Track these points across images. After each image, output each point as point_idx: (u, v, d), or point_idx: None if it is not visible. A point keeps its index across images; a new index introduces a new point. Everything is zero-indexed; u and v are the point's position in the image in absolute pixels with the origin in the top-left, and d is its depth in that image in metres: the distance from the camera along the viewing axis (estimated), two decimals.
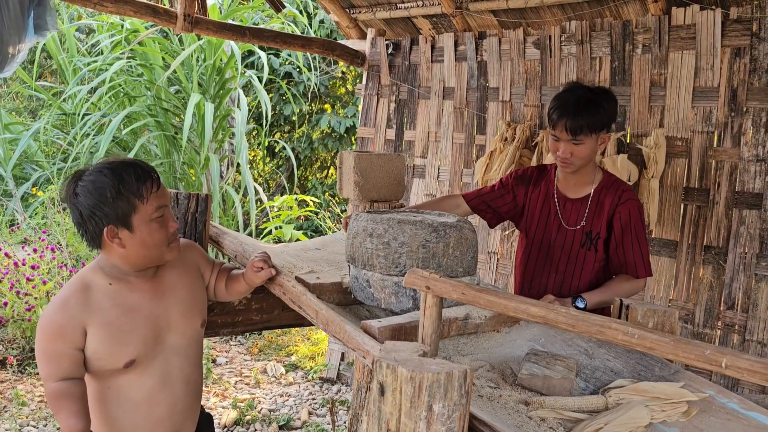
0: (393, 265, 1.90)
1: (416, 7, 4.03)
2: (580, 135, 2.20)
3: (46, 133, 6.75)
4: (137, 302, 1.77)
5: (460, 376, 1.17)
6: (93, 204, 1.67)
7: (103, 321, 1.70)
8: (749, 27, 2.87)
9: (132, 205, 1.69)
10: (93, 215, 1.68)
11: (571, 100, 2.23)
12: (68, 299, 1.70)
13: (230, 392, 4.32)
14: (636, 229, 2.28)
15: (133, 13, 3.41)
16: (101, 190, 1.67)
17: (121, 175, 1.69)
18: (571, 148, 2.24)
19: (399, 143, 4.34)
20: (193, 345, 1.91)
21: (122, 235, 1.71)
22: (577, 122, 2.18)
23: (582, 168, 2.33)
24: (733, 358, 1.16)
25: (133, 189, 1.69)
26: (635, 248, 2.27)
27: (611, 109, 2.25)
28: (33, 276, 4.42)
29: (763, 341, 2.83)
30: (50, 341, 1.67)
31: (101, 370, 1.73)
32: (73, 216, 1.73)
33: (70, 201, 1.71)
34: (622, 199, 2.29)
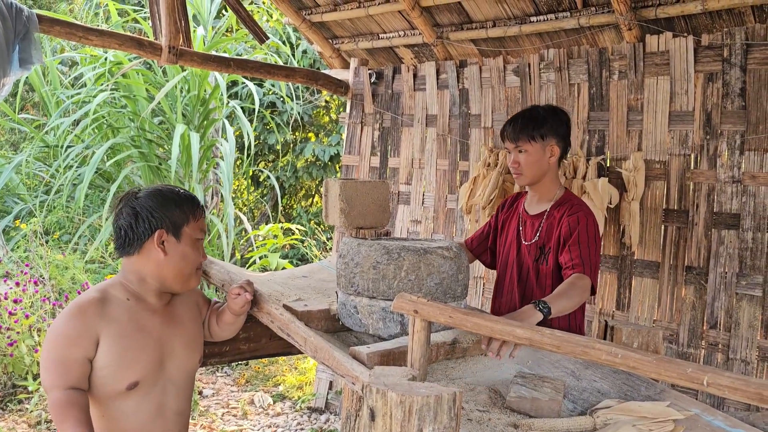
0: (349, 285, 1.95)
1: (398, 37, 4.11)
2: (520, 142, 2.36)
3: (28, 165, 6.72)
4: (150, 323, 1.81)
5: (449, 398, 1.18)
6: (155, 205, 1.79)
7: (117, 333, 1.72)
8: (720, 53, 2.96)
9: (187, 218, 1.83)
10: (151, 216, 1.78)
11: (516, 115, 2.43)
12: (85, 307, 1.72)
13: (217, 424, 4.26)
14: (582, 233, 2.29)
15: (118, 46, 3.44)
16: (166, 198, 1.82)
17: (182, 193, 1.87)
18: (517, 156, 2.39)
19: (383, 170, 4.38)
20: (189, 379, 1.94)
21: (169, 242, 1.80)
22: (516, 129, 2.37)
23: (540, 183, 2.43)
24: (714, 375, 1.19)
25: (191, 206, 1.86)
26: (583, 249, 2.27)
27: (554, 122, 2.38)
28: (15, 310, 4.36)
29: (746, 359, 2.87)
30: (63, 347, 1.67)
31: (102, 391, 1.72)
32: (125, 217, 1.80)
33: (128, 203, 1.81)
34: (571, 211, 2.36)
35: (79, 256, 5.55)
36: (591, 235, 2.30)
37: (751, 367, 2.85)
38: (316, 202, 9.13)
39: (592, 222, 2.34)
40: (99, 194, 6.80)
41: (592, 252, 2.28)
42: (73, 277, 5.12)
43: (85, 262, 5.50)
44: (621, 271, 3.27)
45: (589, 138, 3.39)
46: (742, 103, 2.91)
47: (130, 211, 1.79)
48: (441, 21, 3.86)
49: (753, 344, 2.86)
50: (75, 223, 6.49)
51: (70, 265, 5.16)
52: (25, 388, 4.26)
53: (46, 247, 5.33)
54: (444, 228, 4.02)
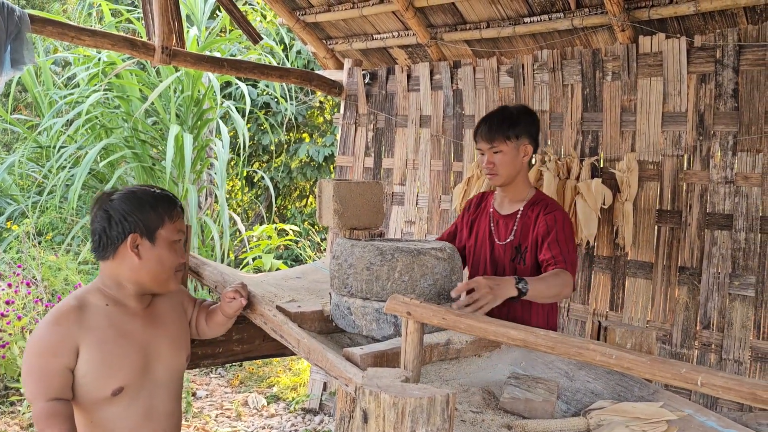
0: (343, 286, 1.94)
1: (392, 38, 4.11)
2: (495, 142, 2.37)
3: (21, 166, 6.68)
4: (131, 327, 1.77)
5: (442, 400, 1.18)
6: (128, 209, 1.74)
7: (97, 341, 1.69)
8: (713, 54, 2.97)
9: (161, 220, 1.78)
10: (124, 219, 1.73)
11: (488, 116, 2.45)
12: (62, 316, 1.68)
13: (211, 426, 4.24)
14: (560, 231, 2.31)
15: (111, 46, 3.42)
16: (140, 200, 1.77)
17: (158, 194, 1.82)
18: (492, 157, 2.39)
19: (377, 171, 4.37)
20: (177, 379, 1.91)
21: (143, 246, 1.76)
22: (491, 129, 2.38)
23: (512, 183, 2.45)
24: (708, 375, 1.19)
25: (166, 207, 1.80)
26: (562, 245, 2.29)
27: (526, 121, 2.40)
28: (7, 311, 4.33)
29: (739, 360, 2.87)
30: (42, 358, 1.64)
31: (87, 398, 1.70)
32: (99, 221, 1.76)
33: (101, 205, 1.77)
34: (547, 210, 2.38)
35: (72, 258, 5.53)
36: (568, 234, 2.33)
37: (744, 367, 2.86)
38: (311, 202, 9.12)
39: (568, 221, 2.37)
40: (92, 195, 6.76)
41: (571, 250, 2.31)
42: (66, 278, 5.10)
43: (78, 263, 5.47)
44: (614, 272, 3.28)
45: (583, 139, 3.39)
46: (734, 104, 2.92)
47: (103, 215, 1.76)
48: (435, 22, 3.86)
49: (746, 344, 2.87)
50: (68, 224, 6.46)
51: (63, 267, 5.14)
52: (18, 390, 4.24)
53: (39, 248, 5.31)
54: (438, 229, 4.01)
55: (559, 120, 3.48)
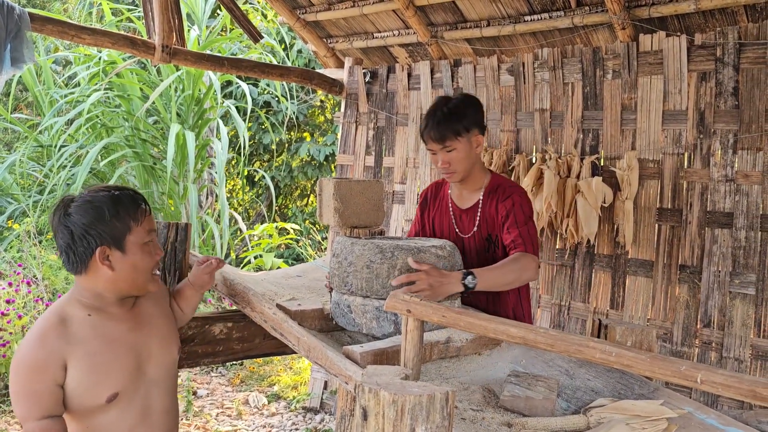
0: (343, 284, 1.94)
1: (392, 36, 4.11)
2: (447, 141, 2.27)
3: (22, 165, 6.68)
4: (118, 333, 1.72)
5: (442, 398, 1.18)
6: (88, 222, 1.63)
7: (84, 353, 1.64)
8: (713, 52, 2.97)
9: (127, 226, 1.68)
10: (86, 234, 1.63)
11: (432, 113, 2.30)
12: (46, 333, 1.62)
13: (211, 425, 4.25)
14: (518, 213, 2.28)
15: (111, 45, 3.42)
16: (98, 209, 1.64)
17: (117, 197, 1.68)
18: (446, 156, 2.30)
19: (378, 170, 4.37)
20: (171, 375, 1.88)
21: (114, 257, 1.67)
22: (439, 129, 2.26)
23: (469, 175, 2.38)
24: (708, 373, 1.19)
25: (130, 210, 1.69)
26: (521, 227, 2.26)
27: (472, 111, 2.31)
28: (8, 310, 4.34)
29: (739, 358, 2.87)
30: (29, 379, 1.59)
31: (81, 408, 1.66)
32: (62, 237, 1.66)
33: (60, 221, 1.66)
34: (504, 195, 2.33)
35: None
36: (527, 213, 2.30)
37: (744, 365, 2.86)
38: (311, 201, 9.12)
39: (525, 200, 2.33)
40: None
41: (531, 230, 2.28)
42: (66, 277, 5.10)
43: None
44: (615, 270, 3.27)
45: (583, 137, 3.39)
46: (735, 102, 2.92)
47: (64, 231, 1.65)
48: (435, 20, 3.85)
49: (746, 342, 2.86)
50: None
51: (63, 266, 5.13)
52: None
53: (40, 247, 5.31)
54: None
55: (560, 118, 3.48)
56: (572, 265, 3.43)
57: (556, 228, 3.37)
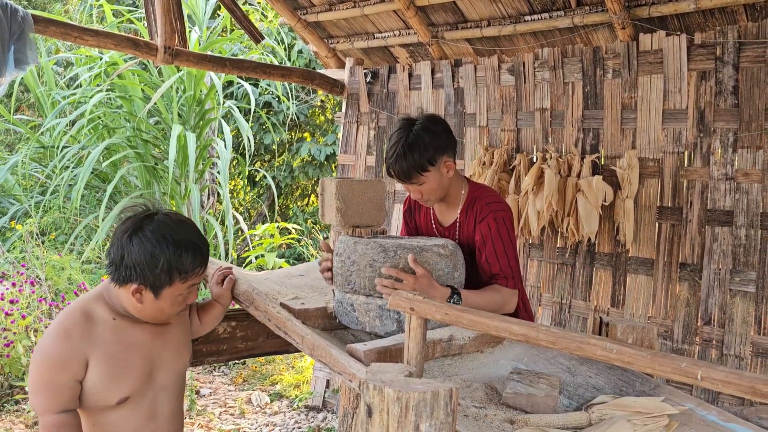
0: (346, 282, 1.96)
1: (393, 37, 4.12)
2: (413, 178, 2.17)
3: (24, 166, 6.70)
4: (138, 339, 1.77)
5: (445, 394, 1.19)
6: (139, 262, 1.67)
7: (105, 355, 1.69)
8: (713, 51, 2.98)
9: (171, 281, 1.72)
10: (133, 269, 1.67)
11: (395, 147, 2.17)
12: (71, 329, 1.67)
13: (215, 423, 4.26)
14: (496, 240, 2.19)
15: (114, 46, 3.44)
16: (155, 259, 1.67)
17: (180, 254, 1.70)
18: (417, 189, 2.22)
19: (379, 169, 4.39)
20: (180, 381, 1.93)
21: (146, 296, 1.72)
22: (403, 168, 2.15)
23: (447, 195, 2.31)
24: (708, 370, 1.20)
25: (182, 270, 1.72)
26: (501, 258, 2.19)
27: (435, 139, 2.16)
28: (12, 311, 4.36)
29: (740, 355, 2.89)
30: (52, 372, 1.64)
31: (92, 405, 1.71)
32: (114, 252, 1.71)
33: (121, 241, 1.69)
34: (480, 216, 2.24)
35: (75, 257, 5.56)
36: (504, 236, 2.20)
37: (744, 362, 2.87)
38: (313, 201, 9.14)
39: (501, 222, 2.22)
40: (95, 195, 6.79)
41: (510, 254, 2.21)
42: (69, 277, 5.12)
43: (81, 263, 5.50)
44: (616, 269, 3.29)
45: (584, 136, 3.40)
46: (734, 101, 2.93)
47: (119, 250, 1.70)
48: (436, 20, 3.87)
49: (747, 340, 2.88)
50: (71, 224, 6.49)
51: (67, 266, 5.16)
52: (22, 388, 4.26)
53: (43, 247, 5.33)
54: None
55: (560, 118, 3.49)
56: (573, 263, 3.45)
57: (557, 227, 3.38)
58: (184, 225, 1.76)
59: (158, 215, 1.74)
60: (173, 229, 1.72)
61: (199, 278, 1.80)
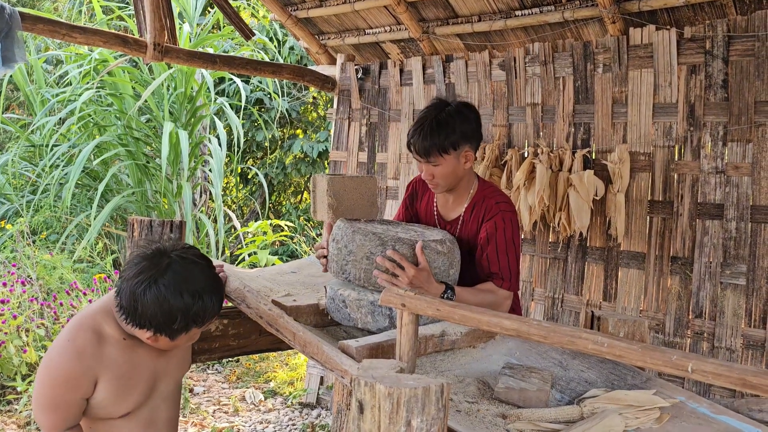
0: (341, 271, 1.96)
1: (384, 33, 4.11)
2: (432, 157, 2.16)
3: (14, 165, 6.65)
4: (145, 359, 1.78)
5: (437, 390, 1.19)
6: (155, 316, 1.64)
7: (115, 375, 1.70)
8: (703, 45, 2.99)
9: (186, 329, 1.70)
10: (149, 321, 1.64)
11: (422, 122, 2.18)
12: (83, 348, 1.65)
13: (208, 421, 4.26)
14: (500, 240, 2.19)
15: (103, 44, 3.42)
16: (173, 315, 1.64)
17: (199, 308, 1.67)
18: (431, 169, 2.20)
19: (371, 165, 4.38)
20: (178, 388, 1.96)
21: (160, 339, 1.71)
22: (425, 145, 2.15)
23: (455, 188, 2.30)
24: (698, 362, 1.21)
25: (199, 321, 1.70)
26: (501, 258, 2.19)
27: (465, 124, 2.17)
28: (3, 310, 4.33)
29: (731, 348, 2.90)
30: (63, 391, 1.63)
31: (94, 417, 1.73)
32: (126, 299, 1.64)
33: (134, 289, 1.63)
34: (488, 214, 2.23)
35: (66, 256, 5.52)
36: (509, 238, 2.20)
37: (736, 355, 2.89)
38: (305, 198, 9.12)
39: (509, 223, 2.21)
40: (86, 193, 6.75)
41: (511, 256, 2.20)
42: (61, 276, 5.09)
43: (73, 262, 5.47)
44: (607, 263, 3.30)
45: (575, 131, 3.41)
46: (724, 94, 2.94)
47: (130, 301, 1.64)
48: (427, 16, 3.86)
49: (738, 332, 2.90)
50: (62, 223, 6.45)
51: (58, 265, 5.13)
52: (14, 388, 4.24)
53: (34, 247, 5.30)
54: None
55: (551, 112, 3.50)
56: (565, 257, 3.46)
57: (549, 221, 3.39)
58: (199, 269, 1.70)
59: (172, 262, 1.66)
60: (188, 280, 1.66)
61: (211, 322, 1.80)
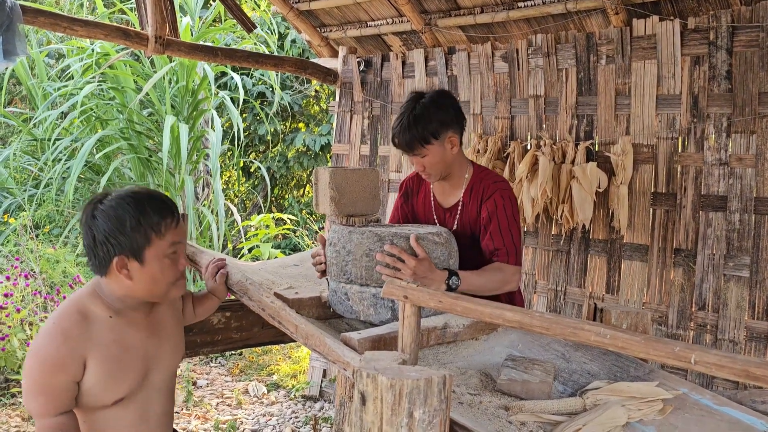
0: (341, 273, 1.95)
1: (386, 25, 4.10)
2: (416, 149, 2.20)
3: (17, 159, 6.66)
4: (135, 339, 1.73)
5: (439, 381, 1.19)
6: (109, 230, 1.62)
7: (104, 356, 1.64)
8: (707, 36, 2.97)
9: (148, 239, 1.65)
10: (107, 241, 1.63)
11: (401, 117, 2.21)
12: (69, 330, 1.61)
13: (212, 414, 4.27)
14: (501, 217, 2.21)
15: (104, 37, 3.41)
16: (121, 219, 1.63)
17: (143, 207, 1.65)
18: (419, 161, 2.24)
19: (373, 158, 4.37)
20: (172, 379, 1.89)
21: (132, 266, 1.66)
22: (406, 139, 2.18)
23: (450, 174, 2.32)
24: (701, 353, 1.20)
25: (153, 222, 1.66)
26: (504, 235, 2.20)
27: (442, 114, 2.20)
28: (6, 304, 4.34)
29: (734, 340, 2.90)
30: (51, 374, 1.59)
31: (86, 406, 1.67)
32: (86, 239, 1.66)
33: (87, 223, 1.66)
34: (487, 193, 2.25)
35: (69, 250, 5.53)
36: (510, 215, 2.22)
37: (739, 347, 2.88)
38: (308, 192, 9.12)
39: (508, 200, 2.24)
40: (89, 187, 6.76)
41: (514, 233, 2.21)
42: (64, 270, 5.11)
43: (76, 255, 5.48)
44: (610, 255, 3.29)
45: (578, 123, 3.40)
46: (728, 85, 2.93)
47: (88, 232, 1.65)
48: (429, 8, 3.84)
49: (741, 324, 2.89)
50: (65, 217, 6.46)
51: (61, 259, 5.14)
52: (18, 382, 4.25)
53: (37, 241, 5.31)
54: None
55: (554, 104, 3.48)
56: (568, 250, 3.45)
57: (552, 214, 3.38)
58: (141, 187, 1.73)
59: (111, 191, 1.70)
60: (130, 192, 1.68)
61: (178, 235, 1.73)
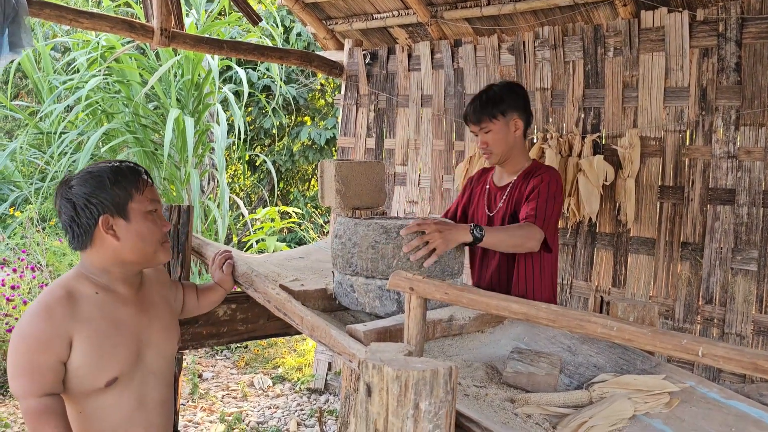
0: (347, 265, 1.95)
1: (392, 17, 4.08)
2: (483, 122, 2.41)
3: (23, 152, 6.68)
4: (124, 315, 1.69)
5: (445, 372, 1.19)
6: (89, 192, 1.62)
7: (91, 333, 1.60)
8: (716, 28, 2.94)
9: (129, 194, 1.67)
10: (88, 203, 1.62)
11: (475, 99, 2.46)
12: (52, 307, 1.58)
13: (217, 406, 4.29)
14: (543, 191, 2.32)
15: (110, 29, 3.40)
16: (98, 178, 1.64)
17: (117, 167, 1.69)
18: (483, 137, 2.44)
19: (379, 152, 4.36)
20: (169, 366, 1.84)
21: (118, 225, 1.65)
22: (476, 111, 2.42)
23: (509, 158, 2.48)
24: (709, 346, 1.19)
25: (130, 179, 1.69)
26: (540, 205, 2.29)
27: (512, 97, 2.43)
28: (13, 296, 4.37)
29: (741, 334, 2.88)
30: (34, 353, 1.54)
31: (78, 391, 1.62)
32: (65, 212, 1.65)
33: (63, 196, 1.65)
34: (536, 174, 2.40)
35: None
36: (551, 193, 2.33)
37: (746, 341, 2.87)
38: (313, 185, 9.12)
39: (554, 182, 2.36)
40: None
41: (549, 207, 2.30)
42: (70, 263, 5.13)
43: None
44: (617, 249, 3.28)
45: (585, 115, 3.38)
46: (737, 78, 2.90)
47: (66, 204, 1.64)
48: (435, 0, 3.82)
49: (748, 318, 2.87)
50: None
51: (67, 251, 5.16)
52: None
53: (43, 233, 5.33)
54: (440, 208, 4.01)
55: (561, 97, 3.46)
56: (574, 243, 3.44)
57: None
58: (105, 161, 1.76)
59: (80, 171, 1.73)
60: (98, 162, 1.72)
61: (155, 194, 1.75)
